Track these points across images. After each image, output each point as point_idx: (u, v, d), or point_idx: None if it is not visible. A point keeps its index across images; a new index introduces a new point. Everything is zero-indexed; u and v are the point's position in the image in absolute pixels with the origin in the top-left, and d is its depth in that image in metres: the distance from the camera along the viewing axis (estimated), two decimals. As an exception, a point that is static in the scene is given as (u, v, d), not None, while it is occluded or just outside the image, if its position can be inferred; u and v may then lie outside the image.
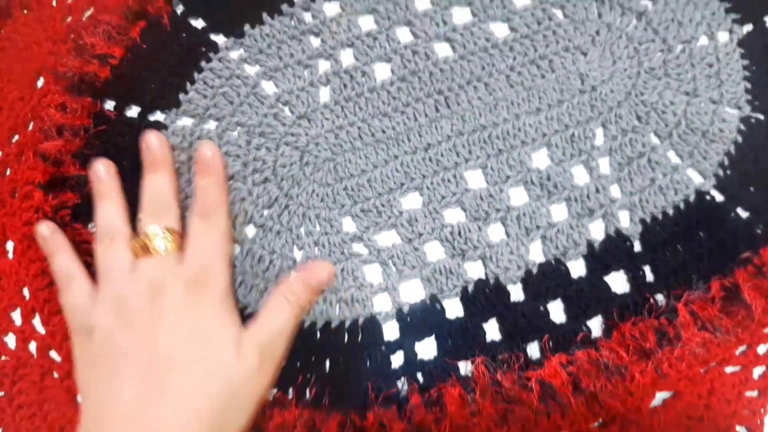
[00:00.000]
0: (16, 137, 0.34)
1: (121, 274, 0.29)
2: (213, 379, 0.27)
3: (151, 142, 0.31)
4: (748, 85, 0.34)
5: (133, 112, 0.34)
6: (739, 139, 0.33)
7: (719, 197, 0.33)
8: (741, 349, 0.31)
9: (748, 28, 0.35)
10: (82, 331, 0.28)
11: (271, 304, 0.30)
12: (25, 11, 0.35)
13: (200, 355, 0.28)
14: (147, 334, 0.27)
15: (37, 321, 0.32)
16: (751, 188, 0.33)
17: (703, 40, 0.35)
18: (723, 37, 0.35)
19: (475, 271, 0.32)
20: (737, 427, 0.30)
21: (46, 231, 0.31)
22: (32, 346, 0.32)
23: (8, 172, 0.33)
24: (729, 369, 0.31)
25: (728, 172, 0.33)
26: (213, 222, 0.30)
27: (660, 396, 0.31)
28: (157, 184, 0.31)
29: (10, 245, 0.33)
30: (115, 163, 0.32)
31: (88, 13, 0.35)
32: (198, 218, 0.30)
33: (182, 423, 0.26)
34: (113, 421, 0.26)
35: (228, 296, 0.30)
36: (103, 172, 0.31)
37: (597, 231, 0.33)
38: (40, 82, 0.34)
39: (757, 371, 0.31)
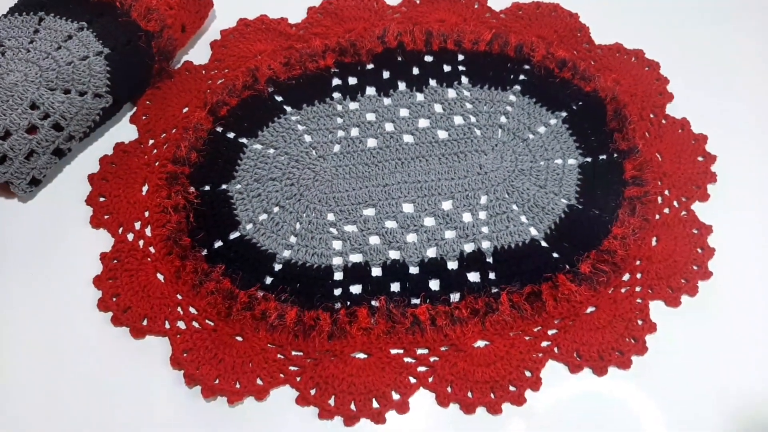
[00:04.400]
0: (164, 135, 0.61)
1: None
2: None
3: None
4: (578, 188, 0.58)
5: (230, 135, 0.61)
6: (563, 215, 0.57)
7: (544, 244, 0.56)
8: (537, 328, 0.53)
9: (588, 159, 0.60)
10: None
11: None
12: (188, 72, 0.65)
13: None
14: None
15: (147, 230, 0.57)
16: (564, 244, 0.56)
17: (558, 161, 0.60)
18: (571, 161, 0.60)
19: (393, 254, 0.56)
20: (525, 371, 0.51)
21: None
22: (140, 242, 0.56)
23: (155, 151, 0.61)
24: (527, 337, 0.52)
25: (554, 232, 0.57)
26: None
27: (481, 342, 0.52)
28: None
29: (145, 189, 0.59)
30: (213, 157, 0.59)
31: (220, 81, 0.64)
32: None
33: None
34: None
35: None
36: None
37: (468, 247, 0.56)
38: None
39: (544, 343, 0.52)
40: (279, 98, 0.63)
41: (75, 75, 0.58)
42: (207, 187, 0.58)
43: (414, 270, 0.55)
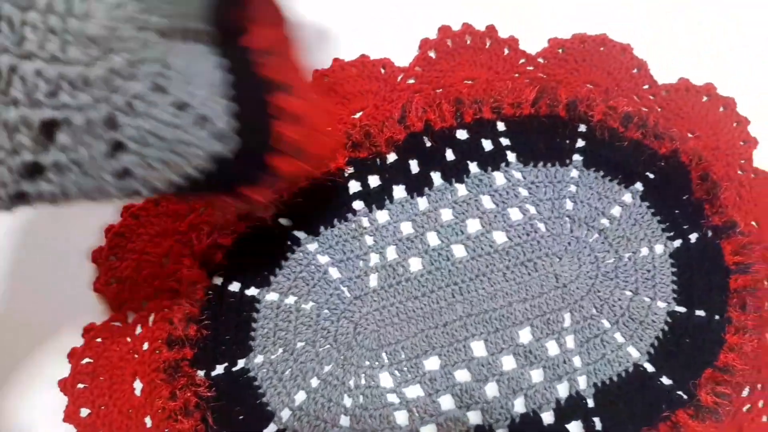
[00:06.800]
0: (146, 303, 0.46)
1: None
2: None
3: None
4: (675, 287, 0.48)
5: (234, 286, 0.47)
6: (666, 327, 0.47)
7: (650, 368, 0.46)
8: (663, 485, 0.44)
9: (677, 243, 0.49)
10: None
11: None
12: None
13: None
14: None
15: (156, 442, 0.44)
16: (674, 363, 0.46)
17: (644, 251, 0.49)
18: (659, 249, 0.49)
19: (475, 419, 0.45)
20: None
21: None
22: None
23: (139, 329, 0.46)
24: (654, 499, 0.44)
25: (658, 350, 0.47)
26: None
27: None
28: None
29: (138, 385, 0.45)
30: (218, 325, 0.45)
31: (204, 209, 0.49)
32: None
33: None
34: None
35: None
36: None
37: (563, 390, 0.46)
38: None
39: (674, 503, 0.44)
40: (285, 222, 0.48)
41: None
42: (220, 370, 0.45)
43: (504, 435, 0.44)
